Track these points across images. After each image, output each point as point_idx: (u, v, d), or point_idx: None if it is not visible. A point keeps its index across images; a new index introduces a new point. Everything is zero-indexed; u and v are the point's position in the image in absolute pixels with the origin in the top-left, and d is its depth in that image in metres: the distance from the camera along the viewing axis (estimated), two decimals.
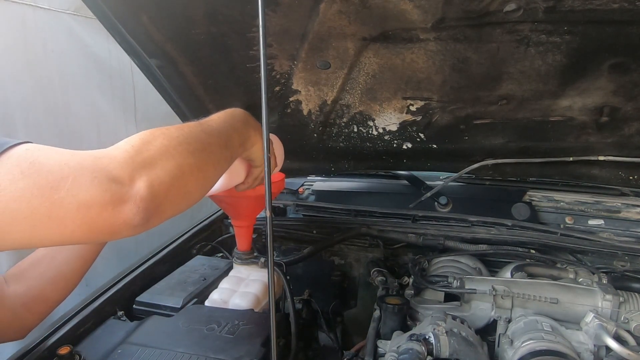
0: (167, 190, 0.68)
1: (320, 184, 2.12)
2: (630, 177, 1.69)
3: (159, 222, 0.69)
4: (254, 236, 1.43)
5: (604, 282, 1.24)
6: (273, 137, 1.17)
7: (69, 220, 0.60)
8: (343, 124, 1.68)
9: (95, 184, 0.61)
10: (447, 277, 1.33)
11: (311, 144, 1.79)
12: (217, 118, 0.89)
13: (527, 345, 1.06)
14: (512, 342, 1.11)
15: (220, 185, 0.99)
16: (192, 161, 0.74)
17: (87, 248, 1.06)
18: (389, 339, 1.13)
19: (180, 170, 0.71)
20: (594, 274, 1.31)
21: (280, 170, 1.30)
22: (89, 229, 0.61)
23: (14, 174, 0.59)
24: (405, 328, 1.20)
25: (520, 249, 1.50)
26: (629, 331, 1.11)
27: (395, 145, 1.75)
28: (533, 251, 1.50)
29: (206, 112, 0.92)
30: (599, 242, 1.48)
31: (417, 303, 1.30)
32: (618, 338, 1.07)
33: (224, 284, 1.31)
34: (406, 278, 1.43)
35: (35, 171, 0.59)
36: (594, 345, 1.10)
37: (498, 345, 1.19)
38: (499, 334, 1.20)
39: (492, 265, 1.52)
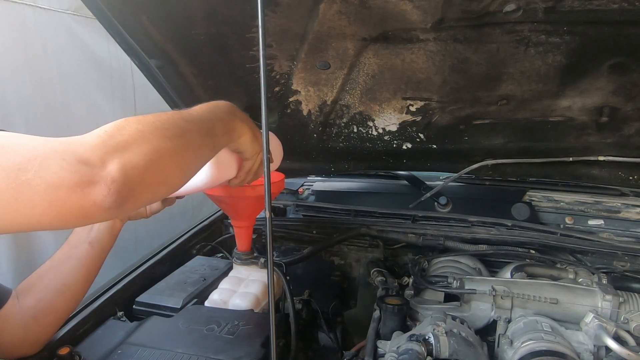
0: (142, 174, 0.67)
1: (320, 184, 2.12)
2: (630, 177, 1.69)
3: (136, 206, 0.68)
4: (253, 236, 1.43)
5: (604, 282, 1.24)
6: (270, 133, 1.16)
7: (37, 203, 0.59)
8: (343, 125, 1.69)
9: (64, 166, 0.60)
10: (447, 277, 1.33)
11: (311, 144, 1.79)
12: (200, 108, 0.88)
13: (527, 346, 1.06)
14: (511, 342, 1.11)
15: (210, 178, 0.97)
16: (169, 145, 0.73)
17: (91, 256, 1.05)
18: (389, 339, 1.13)
19: (157, 154, 0.70)
20: (593, 274, 1.31)
21: (281, 170, 1.30)
22: (58, 211, 0.60)
23: None
24: (405, 328, 1.19)
25: (520, 249, 1.50)
26: (628, 331, 1.11)
27: (395, 145, 1.75)
28: (533, 251, 1.50)
29: None
30: (599, 242, 1.48)
31: (417, 303, 1.30)
32: (618, 338, 1.07)
33: (224, 284, 1.31)
34: (406, 278, 1.43)
35: (2, 154, 0.58)
36: (594, 346, 1.10)
37: (498, 346, 1.19)
38: (499, 334, 1.20)
39: (492, 266, 1.52)
